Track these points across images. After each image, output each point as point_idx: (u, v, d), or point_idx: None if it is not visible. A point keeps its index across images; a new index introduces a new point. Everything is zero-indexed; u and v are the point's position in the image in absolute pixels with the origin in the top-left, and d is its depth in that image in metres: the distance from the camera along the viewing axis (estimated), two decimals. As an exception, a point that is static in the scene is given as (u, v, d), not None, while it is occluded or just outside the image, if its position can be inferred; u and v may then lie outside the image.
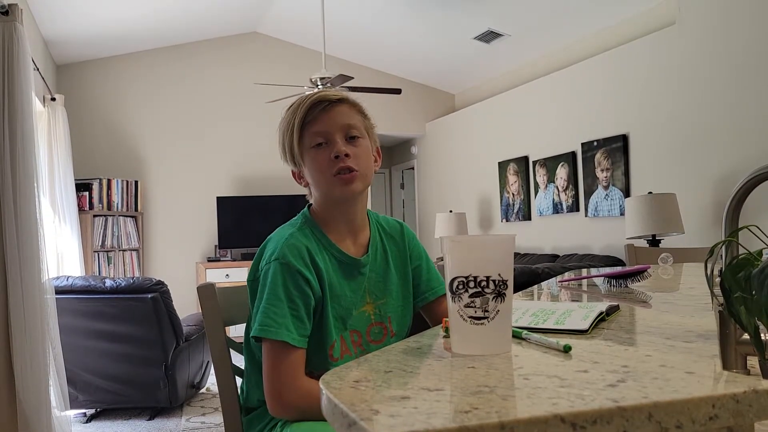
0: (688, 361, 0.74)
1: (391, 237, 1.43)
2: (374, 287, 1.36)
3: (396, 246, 1.42)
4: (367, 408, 0.60)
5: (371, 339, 1.34)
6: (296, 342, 1.18)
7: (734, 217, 0.89)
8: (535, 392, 0.63)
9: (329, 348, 1.27)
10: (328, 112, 1.29)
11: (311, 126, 1.29)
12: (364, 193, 1.35)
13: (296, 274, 1.22)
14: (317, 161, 1.29)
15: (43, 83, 4.49)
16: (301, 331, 1.20)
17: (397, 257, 1.41)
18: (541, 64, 5.84)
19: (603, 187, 4.83)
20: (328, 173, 1.28)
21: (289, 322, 1.19)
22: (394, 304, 1.38)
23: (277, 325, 1.18)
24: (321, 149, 1.29)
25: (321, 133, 1.29)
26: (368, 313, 1.34)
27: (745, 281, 0.66)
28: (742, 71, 3.74)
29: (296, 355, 1.19)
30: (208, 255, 6.46)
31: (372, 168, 1.36)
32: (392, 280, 1.38)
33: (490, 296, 0.82)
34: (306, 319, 1.22)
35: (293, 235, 1.27)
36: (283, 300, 1.20)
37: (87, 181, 5.69)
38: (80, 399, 3.56)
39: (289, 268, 1.22)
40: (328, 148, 1.28)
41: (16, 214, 2.61)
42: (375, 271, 1.36)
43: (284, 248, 1.24)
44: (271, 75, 6.55)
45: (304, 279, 1.22)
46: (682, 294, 1.39)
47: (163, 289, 3.52)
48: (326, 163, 1.28)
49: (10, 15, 2.68)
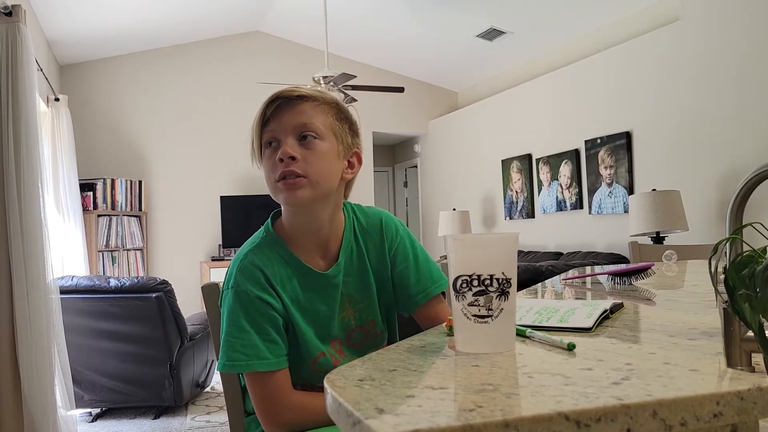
0: (692, 358, 0.74)
1: (368, 233, 1.30)
2: (353, 291, 1.27)
3: (373, 243, 1.30)
4: (372, 407, 0.60)
5: (350, 344, 1.28)
6: (274, 366, 1.14)
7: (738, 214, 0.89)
8: (540, 390, 0.63)
9: (311, 362, 1.22)
10: (282, 111, 1.18)
11: (267, 125, 1.19)
12: (327, 201, 1.21)
13: (254, 299, 1.15)
14: (265, 164, 1.19)
15: (47, 84, 4.50)
16: (277, 351, 1.15)
17: (375, 254, 1.30)
18: (543, 61, 5.83)
19: (606, 185, 4.82)
20: (272, 177, 1.17)
21: (262, 348, 1.14)
22: (376, 305, 1.30)
23: (246, 357, 1.13)
24: (271, 151, 1.18)
25: (271, 132, 1.17)
26: (348, 319, 1.27)
27: (749, 278, 0.66)
28: (746, 67, 3.73)
29: (278, 376, 1.15)
30: (212, 254, 6.47)
31: (331, 174, 1.19)
32: (371, 282, 1.29)
33: (494, 295, 0.82)
34: (279, 340, 1.16)
35: (247, 257, 1.19)
36: (248, 330, 1.14)
37: (91, 181, 5.70)
38: (85, 398, 3.57)
39: (247, 295, 1.15)
40: (278, 149, 1.17)
41: (20, 215, 2.62)
42: (351, 275, 1.27)
43: (238, 274, 1.17)
44: (274, 74, 6.55)
45: (264, 302, 1.16)
46: (686, 291, 1.39)
47: (167, 288, 3.53)
48: (271, 166, 1.17)
49: (13, 16, 2.68)
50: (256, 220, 6.33)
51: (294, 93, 1.19)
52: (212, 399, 4.01)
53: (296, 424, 1.15)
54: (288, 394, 1.15)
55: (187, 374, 3.66)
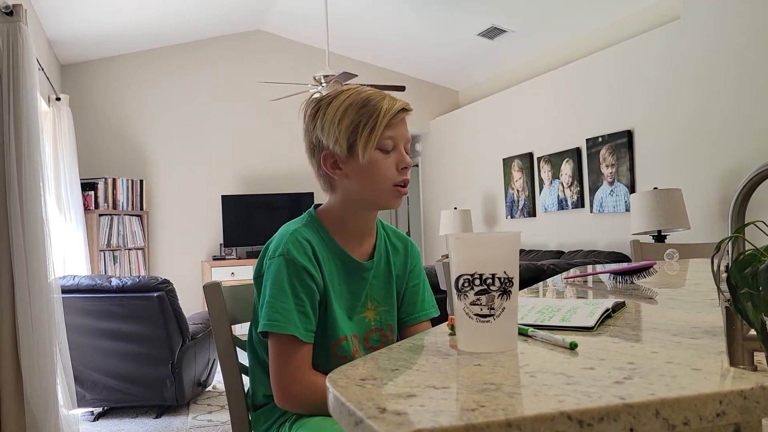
0: (695, 357, 0.73)
1: (395, 248, 1.41)
2: (377, 294, 1.35)
3: (399, 259, 1.40)
4: (374, 406, 0.60)
5: (368, 345, 1.33)
6: (304, 336, 1.19)
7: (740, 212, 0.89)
8: (542, 389, 0.63)
9: (333, 344, 1.27)
10: (402, 122, 1.28)
11: (387, 130, 1.25)
12: None
13: (300, 269, 1.21)
14: (381, 166, 1.25)
15: (48, 83, 4.51)
16: (308, 326, 1.20)
17: (400, 267, 1.40)
18: (545, 60, 5.82)
19: (608, 183, 4.82)
20: (388, 181, 1.26)
21: (296, 317, 1.19)
22: (395, 312, 1.38)
23: (285, 320, 1.18)
24: (386, 155, 1.26)
25: (393, 139, 1.26)
26: (368, 319, 1.33)
27: (752, 277, 0.66)
28: (747, 65, 3.73)
29: (303, 350, 1.19)
30: (213, 253, 6.47)
31: None
32: (394, 290, 1.37)
33: (496, 294, 0.82)
34: (311, 315, 1.22)
35: (298, 231, 1.26)
36: (288, 295, 1.19)
37: (92, 181, 5.70)
38: (87, 397, 3.58)
39: (293, 263, 1.21)
40: (393, 156, 1.26)
41: (22, 214, 2.62)
42: (378, 277, 1.35)
43: (288, 243, 1.23)
44: (274, 73, 6.55)
45: (309, 274, 1.22)
46: (688, 290, 1.39)
47: (168, 287, 3.53)
48: (390, 171, 1.26)
49: (14, 15, 2.68)
50: (257, 220, 6.36)
51: (409, 108, 1.30)
52: (214, 398, 4.01)
53: (307, 402, 1.20)
54: (306, 370, 1.20)
55: (189, 373, 3.66)
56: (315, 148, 1.30)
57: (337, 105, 1.25)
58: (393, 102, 1.26)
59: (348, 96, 1.26)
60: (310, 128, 1.30)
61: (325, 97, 1.29)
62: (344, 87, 1.30)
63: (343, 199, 1.30)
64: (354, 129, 1.24)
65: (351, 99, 1.25)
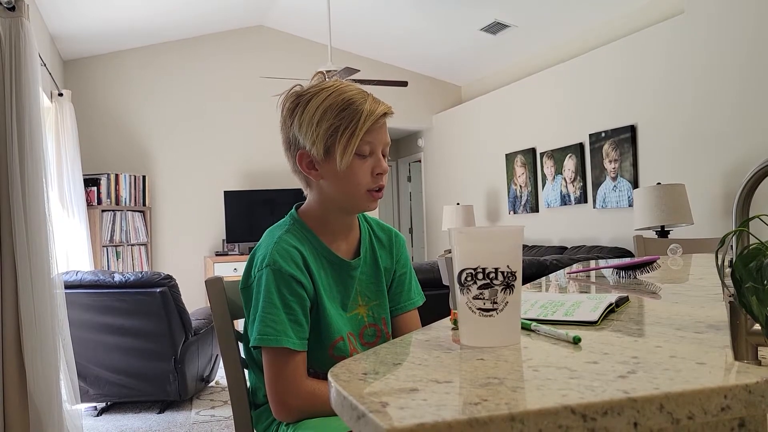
0: (699, 351, 0.73)
1: (380, 241, 1.40)
2: (366, 289, 1.35)
3: (385, 251, 1.40)
4: (376, 400, 0.60)
5: (364, 341, 1.33)
6: (297, 346, 1.18)
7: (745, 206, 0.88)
8: (545, 384, 0.63)
9: (330, 346, 1.26)
10: (383, 126, 1.27)
11: (367, 134, 1.23)
12: None
13: (289, 278, 1.20)
14: (358, 172, 1.23)
15: (51, 79, 4.51)
16: (300, 334, 1.19)
17: (387, 262, 1.39)
18: (548, 55, 5.80)
19: (611, 178, 4.81)
20: (363, 187, 1.25)
21: (288, 327, 1.18)
22: (386, 305, 1.37)
23: (276, 333, 1.17)
24: (363, 160, 1.24)
25: (372, 144, 1.24)
26: (361, 315, 1.33)
27: (756, 271, 0.66)
28: (751, 60, 3.71)
29: (297, 359, 1.19)
30: (215, 249, 6.48)
31: None
32: (383, 283, 1.37)
33: (499, 288, 0.82)
34: (304, 322, 1.21)
35: (282, 239, 1.24)
36: (278, 306, 1.18)
37: (95, 176, 5.71)
38: (91, 393, 3.59)
39: (280, 273, 1.19)
40: (370, 161, 1.25)
41: (25, 210, 2.62)
42: (366, 273, 1.35)
43: (274, 254, 1.21)
44: (277, 68, 6.54)
45: (298, 282, 1.21)
46: (692, 285, 1.38)
47: (171, 283, 3.54)
48: (366, 176, 1.25)
49: (16, 11, 2.68)
50: (259, 215, 6.37)
51: (391, 111, 1.28)
52: (217, 393, 4.02)
53: (305, 411, 1.19)
54: (301, 381, 1.19)
55: (192, 369, 3.67)
56: (291, 145, 1.27)
57: (316, 104, 1.21)
58: (375, 105, 1.23)
59: (329, 95, 1.22)
60: (288, 124, 1.27)
61: (305, 92, 1.25)
62: (326, 83, 1.25)
63: (320, 199, 1.30)
64: (333, 133, 1.21)
65: (331, 99, 1.21)
